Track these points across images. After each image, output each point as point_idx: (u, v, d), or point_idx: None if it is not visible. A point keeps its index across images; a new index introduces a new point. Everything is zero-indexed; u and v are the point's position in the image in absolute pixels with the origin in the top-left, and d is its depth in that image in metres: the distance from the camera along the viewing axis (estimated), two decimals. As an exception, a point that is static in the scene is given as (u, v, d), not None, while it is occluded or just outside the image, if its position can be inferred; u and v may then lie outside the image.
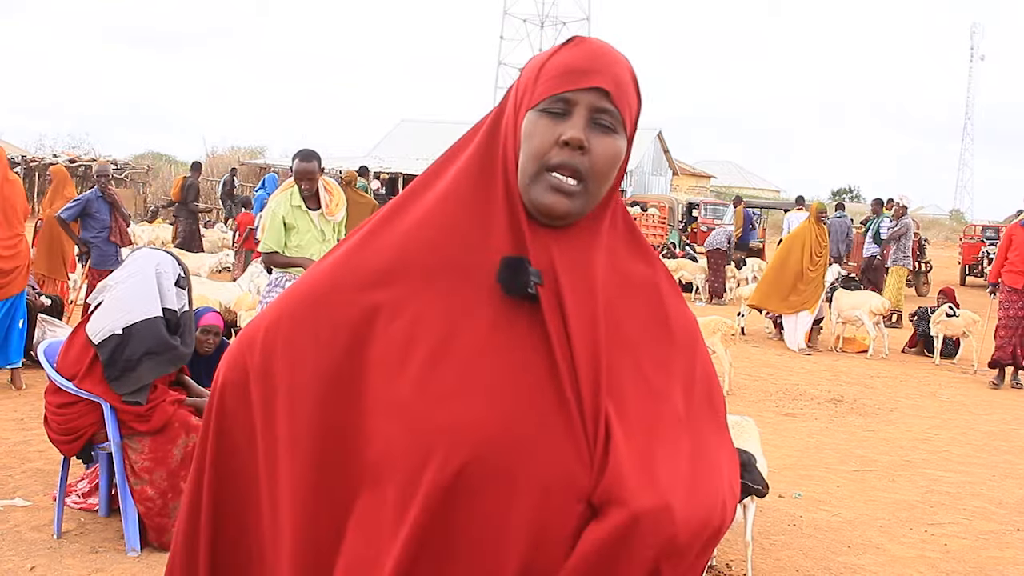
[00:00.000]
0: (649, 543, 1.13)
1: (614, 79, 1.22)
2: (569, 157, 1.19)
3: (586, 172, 1.20)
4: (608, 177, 1.24)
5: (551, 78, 1.22)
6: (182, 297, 4.23)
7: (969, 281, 22.29)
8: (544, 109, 1.21)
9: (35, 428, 5.65)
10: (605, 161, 1.22)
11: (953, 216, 52.66)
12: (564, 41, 1.27)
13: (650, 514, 1.13)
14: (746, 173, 65.07)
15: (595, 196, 1.24)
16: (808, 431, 7.36)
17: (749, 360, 10.26)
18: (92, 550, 4.11)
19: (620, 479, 1.14)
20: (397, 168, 27.97)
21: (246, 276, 9.09)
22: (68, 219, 8.21)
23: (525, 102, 1.24)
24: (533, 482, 1.14)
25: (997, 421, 8.20)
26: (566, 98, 1.21)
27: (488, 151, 1.27)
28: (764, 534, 4.77)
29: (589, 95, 1.21)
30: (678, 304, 1.35)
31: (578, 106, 1.21)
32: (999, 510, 5.58)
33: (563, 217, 1.22)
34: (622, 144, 1.24)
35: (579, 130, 1.19)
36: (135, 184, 27.91)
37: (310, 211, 5.48)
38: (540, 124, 1.21)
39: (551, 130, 1.20)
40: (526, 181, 1.22)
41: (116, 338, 4.00)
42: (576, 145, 1.19)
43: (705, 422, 1.29)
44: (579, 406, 1.17)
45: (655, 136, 39.37)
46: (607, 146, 1.22)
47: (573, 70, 1.21)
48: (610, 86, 1.21)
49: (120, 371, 4.01)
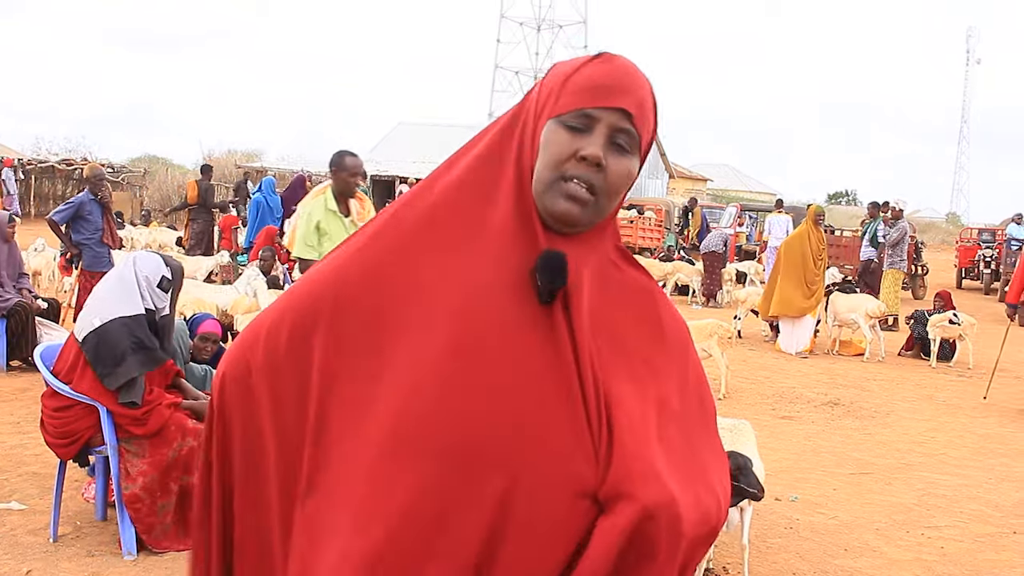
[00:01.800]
0: (659, 535, 1.16)
1: (638, 101, 1.24)
2: (585, 172, 1.22)
3: (600, 188, 1.23)
4: (619, 196, 1.27)
5: (576, 91, 1.23)
6: (163, 299, 4.21)
7: (965, 284, 22.30)
8: (566, 121, 1.23)
9: (31, 431, 5.64)
10: (618, 181, 1.25)
11: (949, 219, 52.78)
12: (592, 55, 1.29)
13: (659, 507, 1.15)
14: (743, 176, 65.15)
15: (604, 211, 1.27)
16: (804, 434, 7.37)
17: (746, 363, 10.27)
18: (88, 554, 4.11)
19: (627, 473, 1.16)
20: (394, 171, 27.96)
21: (243, 279, 9.08)
22: (60, 221, 8.19)
23: (547, 110, 1.25)
24: (536, 476, 1.15)
25: (993, 424, 8.21)
26: (589, 114, 1.22)
27: (497, 155, 1.28)
28: (761, 537, 4.78)
29: (612, 114, 1.22)
30: (670, 310, 1.38)
31: (600, 124, 1.22)
32: (995, 513, 5.58)
33: (575, 225, 1.24)
34: (635, 166, 1.27)
35: (598, 148, 1.21)
36: (131, 187, 27.89)
37: (342, 217, 5.38)
38: (560, 135, 1.23)
39: (570, 143, 1.22)
40: (541, 188, 1.23)
41: (94, 336, 4.01)
42: (594, 162, 1.21)
43: (697, 424, 1.32)
44: (584, 404, 1.19)
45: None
46: (622, 167, 1.24)
47: (599, 87, 1.23)
48: (633, 108, 1.23)
49: (109, 366, 4.01)
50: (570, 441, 1.17)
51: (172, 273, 4.26)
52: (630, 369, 1.25)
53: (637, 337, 1.29)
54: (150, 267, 4.20)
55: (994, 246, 21.63)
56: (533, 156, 1.25)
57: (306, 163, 29.37)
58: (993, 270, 21.12)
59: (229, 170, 29.95)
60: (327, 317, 1.26)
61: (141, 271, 4.16)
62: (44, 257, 11.98)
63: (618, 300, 1.29)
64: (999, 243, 21.30)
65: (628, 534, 1.14)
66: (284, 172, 26.99)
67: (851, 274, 15.27)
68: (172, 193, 27.64)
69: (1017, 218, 20.32)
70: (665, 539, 1.16)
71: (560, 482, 1.16)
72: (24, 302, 7.75)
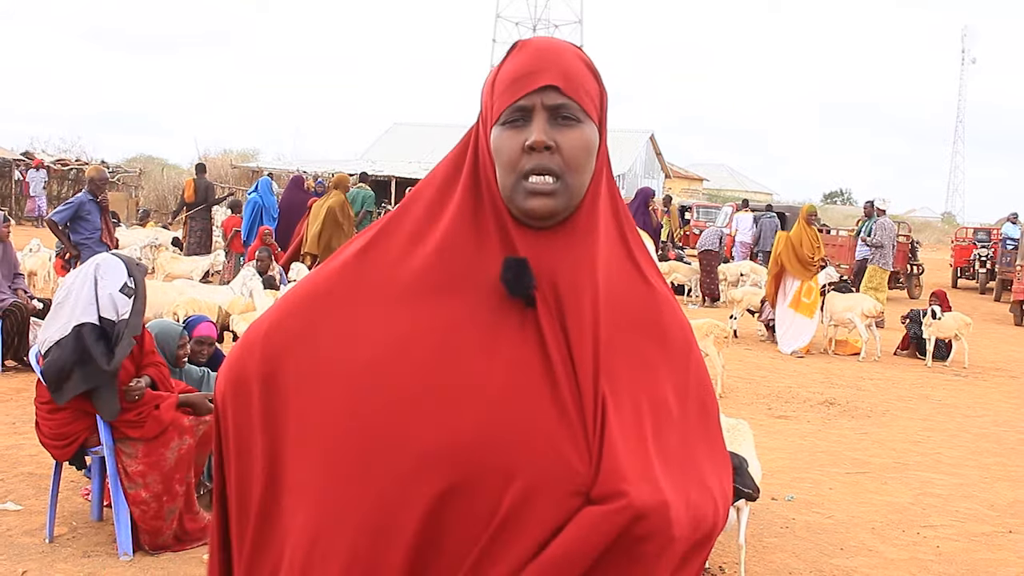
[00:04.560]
0: (648, 536, 1.15)
1: (561, 72, 1.23)
2: (539, 160, 1.21)
3: (561, 169, 1.21)
4: (585, 167, 1.24)
5: (503, 91, 1.24)
6: (124, 305, 4.03)
7: (961, 284, 22.34)
8: (505, 122, 1.23)
9: (27, 432, 5.62)
10: (577, 153, 1.22)
11: (945, 219, 52.93)
12: (510, 49, 1.29)
13: (650, 508, 1.14)
14: (739, 176, 65.22)
15: (577, 188, 1.24)
16: (800, 433, 7.38)
17: (742, 363, 10.28)
18: (84, 554, 4.10)
19: (618, 473, 1.15)
20: (390, 171, 27.94)
21: (239, 280, 9.05)
22: (60, 222, 8.18)
23: (489, 119, 1.26)
24: (527, 477, 1.15)
25: (989, 423, 8.22)
26: (521, 106, 1.22)
27: (472, 166, 1.29)
28: (757, 536, 4.78)
29: (540, 95, 1.21)
30: (672, 307, 1.35)
31: (534, 110, 1.22)
32: (991, 512, 5.59)
33: (549, 217, 1.23)
34: (591, 131, 1.25)
35: (540, 132, 1.20)
36: (127, 188, 27.82)
37: None
38: (504, 137, 1.23)
39: (516, 140, 1.22)
40: (507, 193, 1.23)
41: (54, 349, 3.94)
42: (541, 147, 1.20)
43: (698, 426, 1.30)
44: (578, 405, 1.18)
45: (647, 139, 39.43)
46: (575, 138, 1.22)
47: (519, 76, 1.23)
48: (558, 80, 1.22)
49: (55, 383, 3.95)
50: (563, 441, 1.16)
51: (135, 279, 4.11)
52: (626, 368, 1.24)
53: (634, 337, 1.27)
54: (112, 273, 4.06)
55: (990, 246, 21.65)
56: (493, 166, 1.25)
57: (302, 163, 29.34)
58: (988, 270, 21.17)
59: (225, 170, 29.90)
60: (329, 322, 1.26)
61: (101, 277, 4.02)
62: (40, 258, 11.95)
63: (615, 294, 1.27)
64: (994, 243, 21.30)
65: (615, 533, 1.13)
66: (280, 172, 26.95)
67: (846, 273, 15.27)
68: (168, 193, 27.57)
69: (1012, 217, 20.35)
70: (654, 541, 1.15)
71: (555, 481, 1.15)
72: (20, 302, 7.74)
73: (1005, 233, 19.94)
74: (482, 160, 1.28)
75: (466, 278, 1.23)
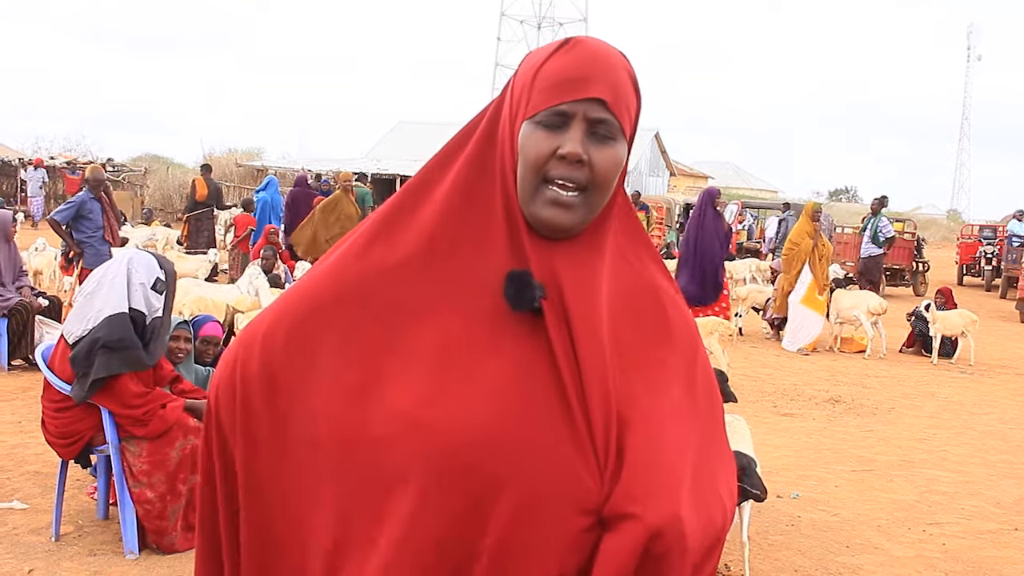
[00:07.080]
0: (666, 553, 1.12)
1: (611, 86, 1.18)
2: (568, 171, 1.17)
3: (588, 183, 1.18)
4: (610, 186, 1.22)
5: (546, 88, 1.18)
6: (157, 301, 4.08)
7: (967, 281, 22.27)
8: (540, 121, 1.18)
9: (33, 431, 5.64)
10: (606, 171, 1.19)
11: (950, 216, 52.75)
12: (559, 43, 1.22)
13: (664, 525, 1.11)
14: (744, 174, 65.12)
15: (597, 206, 1.21)
16: (806, 431, 7.36)
17: (747, 360, 10.26)
18: (90, 553, 4.11)
19: (635, 489, 1.12)
20: (395, 170, 27.94)
21: (245, 278, 9.06)
22: (61, 221, 8.21)
23: (521, 112, 1.20)
24: (537, 492, 1.12)
25: (995, 421, 8.20)
26: (562, 110, 1.17)
27: (485, 160, 1.24)
28: (762, 534, 4.78)
29: (585, 105, 1.16)
30: (678, 307, 1.33)
31: (575, 118, 1.17)
32: (997, 510, 5.58)
33: (565, 230, 1.20)
34: (622, 150, 1.21)
35: (577, 143, 1.16)
36: (132, 186, 27.87)
37: None
38: (536, 136, 1.18)
39: (548, 143, 1.17)
40: (525, 195, 1.19)
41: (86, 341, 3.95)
42: (574, 160, 1.16)
43: (705, 427, 1.28)
44: (586, 417, 1.15)
45: (652, 137, 39.40)
46: (607, 156, 1.18)
47: (568, 79, 1.17)
48: (607, 95, 1.17)
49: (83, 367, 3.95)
50: (573, 456, 1.13)
51: (166, 275, 4.16)
52: (635, 375, 1.21)
53: (642, 338, 1.25)
54: (145, 268, 4.09)
55: (995, 243, 21.58)
56: (514, 161, 1.20)
57: (307, 162, 29.36)
58: (994, 267, 21.08)
59: (230, 169, 29.93)
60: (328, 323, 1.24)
61: (135, 272, 4.06)
62: (45, 256, 11.99)
63: (623, 301, 1.25)
64: (1000, 240, 21.26)
65: (637, 555, 1.11)
66: (285, 171, 26.98)
67: (852, 271, 15.24)
68: (173, 192, 27.60)
69: (1018, 215, 20.27)
70: (671, 556, 1.13)
71: (563, 498, 1.12)
72: (25, 301, 7.75)
73: (1011, 230, 19.90)
74: (502, 151, 1.23)
75: (473, 283, 1.20)
